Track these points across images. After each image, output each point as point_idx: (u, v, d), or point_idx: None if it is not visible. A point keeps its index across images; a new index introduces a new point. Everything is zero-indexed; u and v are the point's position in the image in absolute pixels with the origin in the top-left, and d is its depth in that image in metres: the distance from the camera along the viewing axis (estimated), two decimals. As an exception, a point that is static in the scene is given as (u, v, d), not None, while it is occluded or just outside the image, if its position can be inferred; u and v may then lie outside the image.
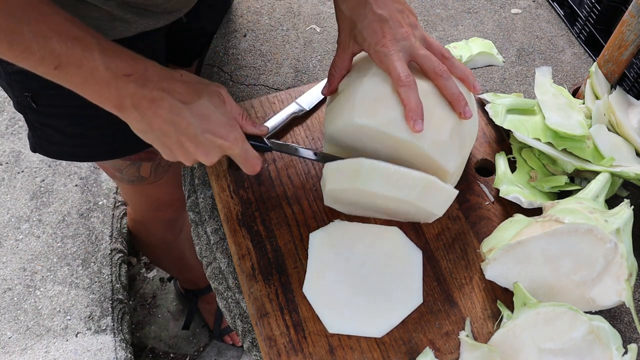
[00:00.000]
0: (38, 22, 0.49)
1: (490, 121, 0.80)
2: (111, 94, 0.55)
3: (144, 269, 1.73)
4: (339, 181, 0.61)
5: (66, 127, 0.81)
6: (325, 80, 0.85)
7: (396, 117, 0.60)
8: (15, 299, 1.30)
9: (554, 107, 0.77)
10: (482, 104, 0.81)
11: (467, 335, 0.62)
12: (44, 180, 1.50)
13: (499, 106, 0.77)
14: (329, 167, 0.62)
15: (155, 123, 0.57)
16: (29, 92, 0.75)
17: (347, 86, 0.65)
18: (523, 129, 0.75)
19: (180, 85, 0.59)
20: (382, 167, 0.59)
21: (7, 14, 0.47)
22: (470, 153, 0.76)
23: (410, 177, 0.59)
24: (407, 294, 0.64)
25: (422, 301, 0.64)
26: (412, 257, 0.67)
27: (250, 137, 0.67)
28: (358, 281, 0.65)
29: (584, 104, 0.80)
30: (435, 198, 0.61)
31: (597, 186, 0.68)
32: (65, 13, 0.52)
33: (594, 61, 0.88)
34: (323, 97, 0.81)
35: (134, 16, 0.70)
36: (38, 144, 0.84)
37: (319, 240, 0.67)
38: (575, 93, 0.86)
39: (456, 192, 0.62)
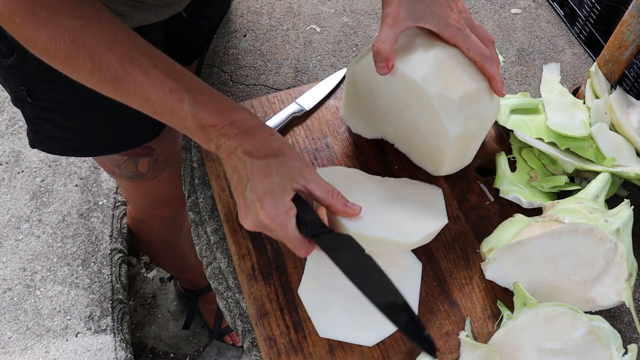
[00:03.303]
0: (137, 75, 0.55)
1: (490, 121, 0.80)
2: (198, 137, 0.60)
3: (144, 269, 1.73)
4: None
5: (62, 122, 0.81)
6: (330, 76, 0.85)
7: (412, 60, 0.61)
8: (15, 299, 1.30)
9: (558, 107, 0.77)
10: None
11: (467, 335, 0.62)
12: (44, 180, 1.50)
13: (503, 107, 0.77)
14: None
15: (229, 168, 0.60)
16: (25, 86, 0.75)
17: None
18: (526, 129, 0.75)
19: (257, 141, 0.58)
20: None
21: (117, 66, 0.54)
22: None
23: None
24: None
25: (416, 314, 0.63)
26: (411, 269, 0.65)
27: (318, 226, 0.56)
28: (354, 288, 0.64)
29: (584, 104, 0.80)
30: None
31: (597, 186, 0.68)
32: (163, 65, 0.57)
33: (594, 61, 0.88)
34: (323, 97, 0.81)
35: (129, 9, 0.69)
36: (37, 139, 0.84)
37: None
38: (576, 93, 0.86)
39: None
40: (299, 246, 0.56)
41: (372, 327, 0.61)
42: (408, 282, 0.64)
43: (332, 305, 0.62)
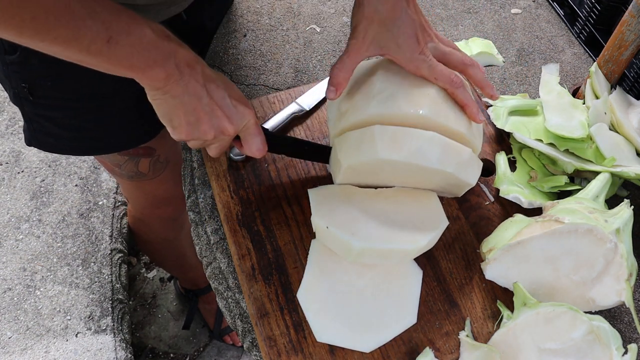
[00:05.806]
0: (88, 1, 0.52)
1: (490, 121, 0.80)
2: (158, 56, 0.57)
3: (144, 269, 1.73)
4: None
5: (63, 120, 0.81)
6: (327, 80, 0.85)
7: (421, 147, 0.60)
8: (15, 299, 1.30)
9: (557, 108, 0.77)
10: (484, 105, 0.81)
11: (467, 335, 0.62)
12: (44, 180, 1.50)
13: (501, 109, 0.77)
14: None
15: (191, 85, 0.60)
16: (26, 83, 0.75)
17: (352, 109, 0.64)
18: (525, 130, 0.75)
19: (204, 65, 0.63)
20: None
21: None
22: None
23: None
24: (402, 313, 0.63)
25: (415, 321, 0.63)
26: (412, 276, 0.65)
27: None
28: (353, 293, 0.63)
29: (584, 104, 0.80)
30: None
31: (597, 186, 0.68)
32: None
33: (594, 61, 0.88)
34: (323, 97, 0.81)
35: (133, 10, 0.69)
36: (34, 137, 0.84)
37: (320, 247, 0.66)
38: (575, 93, 0.86)
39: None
40: (264, 144, 0.65)
41: (370, 333, 0.61)
42: (408, 290, 0.64)
43: (331, 310, 0.62)
